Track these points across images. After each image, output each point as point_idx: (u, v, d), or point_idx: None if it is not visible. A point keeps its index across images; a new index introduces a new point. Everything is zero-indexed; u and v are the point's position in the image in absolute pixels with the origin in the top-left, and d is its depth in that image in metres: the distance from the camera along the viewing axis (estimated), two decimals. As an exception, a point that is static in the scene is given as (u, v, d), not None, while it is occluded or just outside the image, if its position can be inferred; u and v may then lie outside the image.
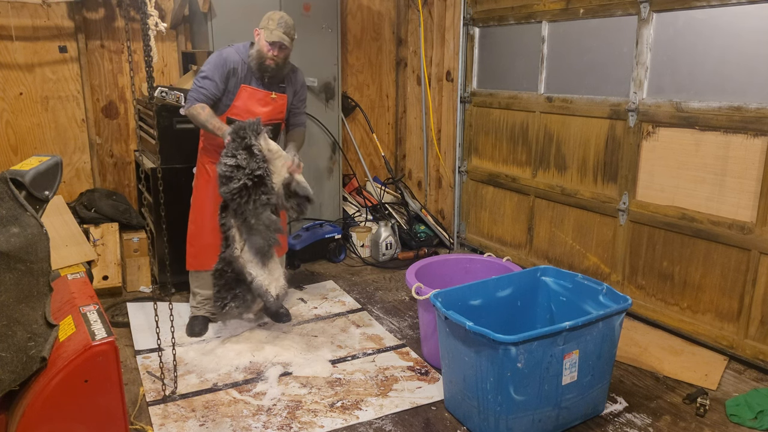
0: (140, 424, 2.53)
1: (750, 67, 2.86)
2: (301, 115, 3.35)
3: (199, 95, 3.02)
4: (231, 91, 3.08)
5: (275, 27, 2.97)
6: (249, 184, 2.77)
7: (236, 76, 3.06)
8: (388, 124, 5.46)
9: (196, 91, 3.03)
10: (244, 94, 3.08)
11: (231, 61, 3.05)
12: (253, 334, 3.32)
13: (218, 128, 2.93)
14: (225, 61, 3.04)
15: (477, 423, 2.45)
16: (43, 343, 1.84)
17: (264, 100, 3.12)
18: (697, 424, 2.57)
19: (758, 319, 2.94)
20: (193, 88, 3.05)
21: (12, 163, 4.01)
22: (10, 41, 3.95)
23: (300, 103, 3.32)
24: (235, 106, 3.08)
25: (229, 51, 3.09)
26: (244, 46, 3.12)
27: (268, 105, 3.13)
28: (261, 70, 3.06)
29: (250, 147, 2.77)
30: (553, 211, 3.98)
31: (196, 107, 3.00)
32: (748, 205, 2.92)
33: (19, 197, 1.87)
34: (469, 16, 4.44)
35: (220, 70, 3.03)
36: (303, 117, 3.37)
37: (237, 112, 3.08)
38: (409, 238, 4.76)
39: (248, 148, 2.77)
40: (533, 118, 4.03)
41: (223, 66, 3.03)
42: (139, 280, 3.98)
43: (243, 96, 3.08)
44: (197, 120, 3.01)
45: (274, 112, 3.17)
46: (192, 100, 3.03)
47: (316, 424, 2.55)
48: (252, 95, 3.09)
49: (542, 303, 2.91)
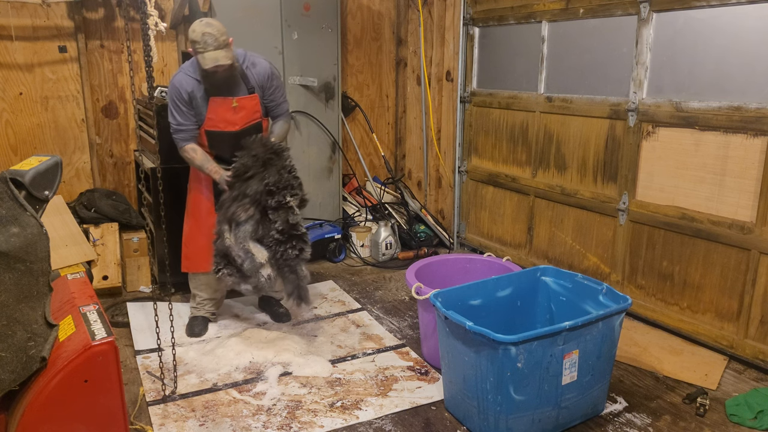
0: (140, 424, 2.53)
1: (750, 67, 2.86)
2: (281, 105, 3.25)
3: (183, 135, 3.07)
4: (199, 109, 3.07)
5: (203, 49, 2.87)
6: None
7: (196, 98, 3.04)
8: (387, 124, 5.46)
9: (176, 131, 3.08)
10: (214, 105, 3.06)
11: (185, 86, 3.02)
12: (253, 334, 3.32)
13: (215, 173, 3.05)
14: (178, 90, 3.02)
15: (477, 423, 2.45)
16: (43, 343, 1.84)
17: (231, 107, 3.10)
18: (697, 424, 2.57)
19: (758, 318, 2.94)
20: (172, 128, 3.09)
21: (12, 163, 4.01)
22: (10, 41, 3.95)
23: (273, 94, 3.20)
24: (210, 118, 3.08)
25: (179, 78, 3.04)
26: (191, 64, 3.05)
27: (241, 110, 3.11)
28: (215, 85, 3.02)
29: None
30: (553, 211, 3.98)
31: (187, 150, 3.09)
32: (747, 204, 2.92)
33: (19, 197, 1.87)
34: (469, 15, 4.44)
35: (180, 99, 3.03)
36: (284, 106, 3.27)
37: (213, 123, 3.08)
38: (409, 238, 4.76)
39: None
40: (533, 118, 4.03)
41: (180, 96, 3.02)
42: (139, 280, 3.98)
43: (213, 107, 3.06)
44: (193, 164, 3.12)
45: (248, 115, 3.13)
46: (179, 141, 3.09)
47: (316, 424, 2.55)
48: (221, 104, 3.06)
49: (542, 303, 2.91)
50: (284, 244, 2.95)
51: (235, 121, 3.08)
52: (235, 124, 3.09)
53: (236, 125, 3.10)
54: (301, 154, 4.48)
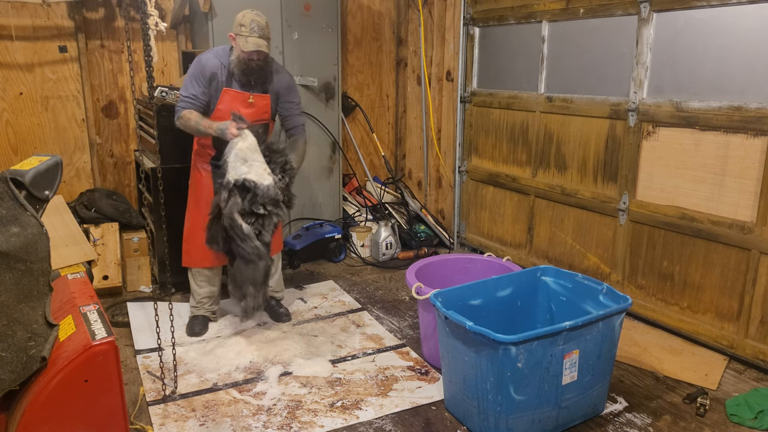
0: (140, 424, 2.53)
1: (750, 67, 2.86)
2: (296, 117, 3.29)
3: (185, 104, 3.04)
4: (214, 96, 3.08)
5: (248, 33, 2.93)
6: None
7: (217, 80, 3.06)
8: (388, 124, 5.46)
9: (182, 100, 3.05)
10: (227, 97, 3.07)
11: (210, 66, 3.03)
12: (253, 334, 3.32)
13: (209, 126, 2.97)
14: (203, 67, 3.03)
15: (477, 423, 2.45)
16: (43, 343, 1.84)
17: (247, 102, 3.12)
18: (697, 423, 2.57)
19: (758, 318, 2.94)
20: (180, 99, 3.06)
21: (12, 163, 4.01)
22: (10, 41, 3.95)
23: (289, 105, 3.25)
24: (219, 109, 3.09)
25: (207, 56, 3.07)
26: (224, 50, 3.09)
27: (252, 106, 3.13)
28: (246, 74, 3.04)
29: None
30: (553, 210, 3.98)
31: (183, 114, 3.03)
32: (748, 204, 2.92)
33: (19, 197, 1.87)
34: (469, 15, 4.44)
35: (200, 77, 3.03)
36: (299, 119, 3.32)
37: (221, 115, 3.08)
38: (409, 238, 4.76)
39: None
40: (533, 118, 4.03)
41: (202, 72, 3.03)
42: (139, 280, 3.98)
43: (225, 99, 3.08)
44: (188, 126, 3.04)
45: (258, 113, 3.15)
46: (179, 109, 3.05)
47: (316, 423, 2.55)
48: (234, 98, 3.08)
49: (542, 303, 2.91)
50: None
51: (244, 116, 3.09)
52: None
53: None
54: (302, 153, 4.48)
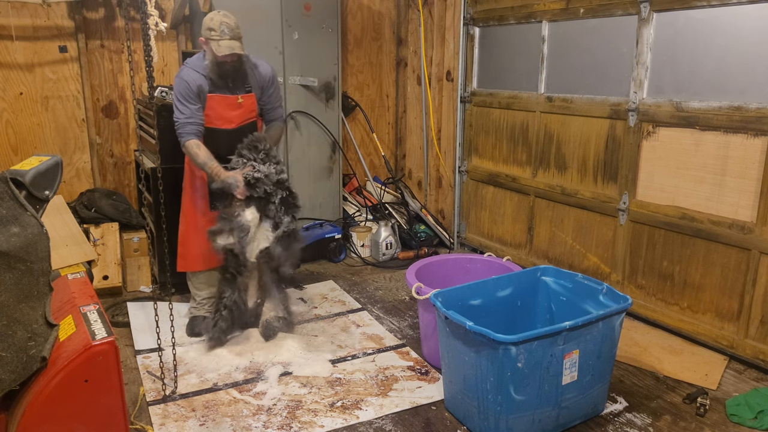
0: (140, 424, 2.53)
1: (750, 67, 2.86)
2: (276, 110, 3.31)
3: (189, 129, 3.01)
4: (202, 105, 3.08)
5: (219, 36, 2.91)
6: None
7: (203, 92, 3.05)
8: (388, 124, 5.46)
9: (184, 124, 3.01)
10: (213, 102, 3.07)
11: (193, 80, 3.01)
12: (253, 334, 3.32)
13: (216, 174, 2.98)
14: (188, 83, 3.01)
15: (477, 423, 2.45)
16: (43, 343, 1.84)
17: (233, 104, 3.12)
18: (697, 423, 2.57)
19: (758, 318, 2.94)
20: (179, 122, 3.02)
21: (12, 163, 4.01)
22: (10, 41, 3.95)
23: (271, 97, 3.25)
24: (208, 115, 3.08)
25: (186, 72, 3.05)
26: (198, 59, 3.08)
27: (239, 108, 3.13)
28: (223, 77, 3.04)
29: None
30: (553, 211, 3.98)
31: (191, 146, 3.01)
32: (748, 204, 2.92)
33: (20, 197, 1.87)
34: (469, 15, 4.44)
35: (189, 92, 3.01)
36: (279, 111, 3.34)
37: (210, 120, 3.09)
38: (409, 238, 4.76)
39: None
40: (533, 118, 4.03)
41: (189, 88, 3.01)
42: (139, 280, 3.98)
43: (212, 104, 3.07)
44: (195, 161, 3.03)
45: (246, 113, 3.17)
46: (185, 135, 3.02)
47: (316, 423, 2.55)
48: (221, 102, 3.08)
49: (542, 303, 2.91)
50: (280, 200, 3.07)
51: (233, 118, 3.10)
52: (231, 121, 3.11)
53: (233, 123, 3.12)
54: (302, 154, 4.48)
